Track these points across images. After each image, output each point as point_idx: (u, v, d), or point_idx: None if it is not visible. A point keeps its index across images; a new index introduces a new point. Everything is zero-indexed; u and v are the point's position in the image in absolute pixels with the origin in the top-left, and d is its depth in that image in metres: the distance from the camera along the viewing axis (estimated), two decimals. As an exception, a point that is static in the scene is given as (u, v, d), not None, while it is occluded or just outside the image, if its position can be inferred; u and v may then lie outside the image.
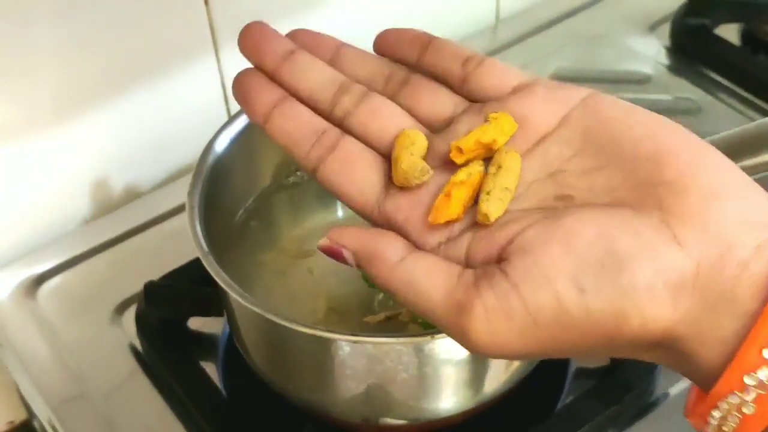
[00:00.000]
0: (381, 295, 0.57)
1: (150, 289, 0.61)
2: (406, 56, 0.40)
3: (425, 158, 0.37)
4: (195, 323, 0.62)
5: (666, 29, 0.84)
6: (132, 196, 0.73)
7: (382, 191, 0.37)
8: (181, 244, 0.56)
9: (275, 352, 0.54)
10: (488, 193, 0.35)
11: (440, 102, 0.39)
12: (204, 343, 0.62)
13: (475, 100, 0.39)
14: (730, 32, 0.83)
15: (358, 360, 0.49)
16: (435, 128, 0.38)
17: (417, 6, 0.82)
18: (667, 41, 0.84)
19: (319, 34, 0.42)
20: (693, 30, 0.83)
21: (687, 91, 0.80)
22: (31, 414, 0.69)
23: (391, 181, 0.37)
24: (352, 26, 0.78)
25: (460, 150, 0.36)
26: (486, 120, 0.37)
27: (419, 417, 0.53)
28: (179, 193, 0.56)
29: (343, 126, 0.38)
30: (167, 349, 0.61)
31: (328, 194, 0.38)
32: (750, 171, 0.51)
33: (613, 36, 0.85)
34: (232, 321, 0.56)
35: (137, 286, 0.62)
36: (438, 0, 0.84)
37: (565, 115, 0.37)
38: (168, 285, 0.62)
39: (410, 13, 0.82)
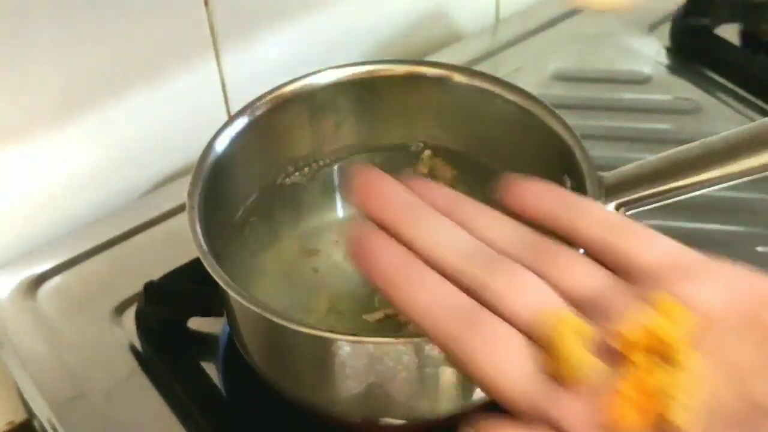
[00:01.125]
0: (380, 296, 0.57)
1: (150, 288, 0.61)
2: (541, 216, 0.36)
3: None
4: (195, 323, 0.62)
5: (666, 29, 0.84)
6: (132, 196, 0.73)
7: (532, 379, 0.32)
8: (181, 244, 0.56)
9: (275, 352, 0.55)
10: (679, 402, 0.30)
11: (584, 275, 0.34)
12: (204, 342, 0.62)
13: (621, 274, 0.34)
14: (730, 32, 0.83)
15: (359, 360, 0.49)
16: (580, 307, 0.33)
17: (417, 6, 0.82)
18: (667, 41, 0.84)
19: (436, 185, 0.37)
20: (693, 30, 0.83)
21: (687, 91, 0.80)
22: (30, 414, 0.69)
23: (543, 369, 0.32)
24: (353, 26, 0.79)
25: (629, 342, 0.31)
26: (649, 304, 0.32)
27: (419, 417, 0.53)
28: (179, 193, 0.56)
29: (476, 297, 0.33)
30: (167, 348, 0.61)
31: (329, 194, 0.38)
32: (750, 171, 0.51)
33: (613, 36, 0.85)
34: (232, 321, 0.56)
35: (137, 286, 0.62)
36: (438, 0, 0.84)
37: (734, 302, 0.32)
38: (168, 285, 0.62)
39: (410, 13, 0.82)
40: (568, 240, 0.35)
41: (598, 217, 0.35)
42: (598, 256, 0.34)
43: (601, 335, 0.32)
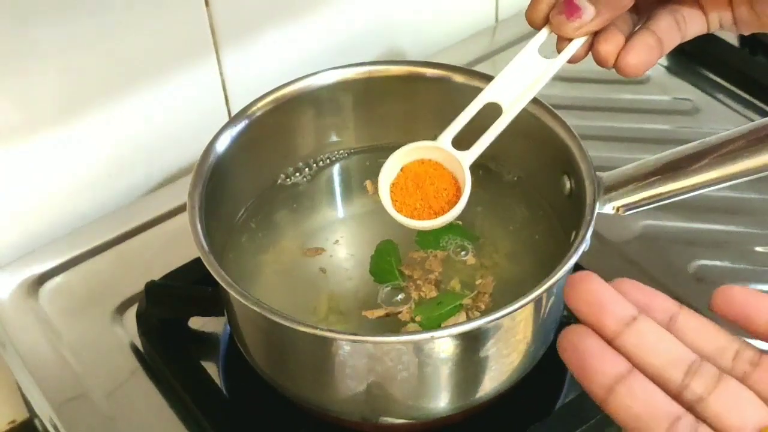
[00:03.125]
0: (384, 292, 0.57)
1: (151, 288, 0.61)
2: (750, 323, 0.35)
3: None
4: (196, 323, 0.62)
5: (665, 30, 0.84)
6: (132, 196, 0.73)
7: None
8: (181, 244, 0.57)
9: (276, 352, 0.55)
10: None
11: None
12: (205, 342, 0.62)
13: None
14: (728, 33, 0.83)
15: (358, 359, 0.50)
16: None
17: (417, 6, 0.83)
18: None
19: (653, 292, 0.36)
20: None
21: (685, 91, 0.80)
22: (32, 413, 0.69)
23: None
24: (353, 27, 0.79)
25: None
26: None
27: (419, 416, 0.53)
28: (179, 193, 0.56)
29: (693, 412, 0.33)
30: (168, 348, 0.61)
31: (329, 194, 0.38)
32: (750, 172, 0.51)
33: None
34: (232, 320, 0.56)
35: (138, 286, 0.62)
36: (438, 0, 0.84)
37: None
38: (169, 285, 0.62)
39: (410, 13, 0.83)
40: None
41: None
42: None
43: None
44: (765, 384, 0.33)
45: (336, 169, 0.65)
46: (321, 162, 0.64)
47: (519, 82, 0.49)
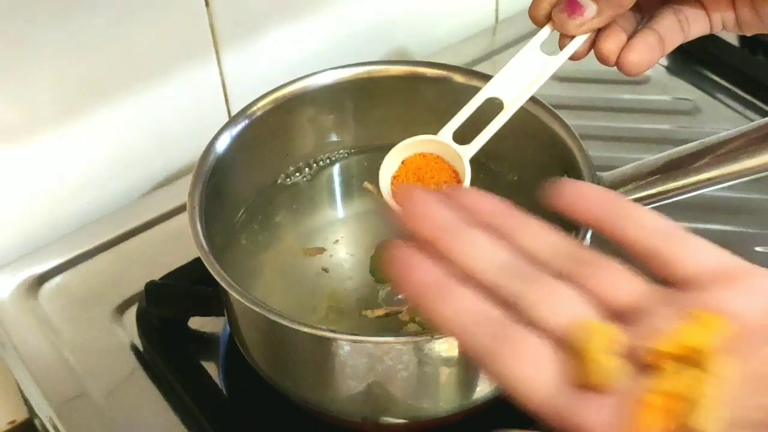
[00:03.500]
0: (385, 292, 0.57)
1: (151, 288, 0.61)
2: (590, 219, 0.36)
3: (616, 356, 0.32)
4: (196, 323, 0.62)
5: (665, 30, 0.84)
6: (132, 196, 0.73)
7: (562, 388, 0.32)
8: (181, 243, 0.57)
9: (276, 352, 0.55)
10: (703, 407, 0.30)
11: (624, 286, 0.34)
12: (205, 342, 0.62)
13: (668, 281, 0.34)
14: (728, 33, 0.83)
15: (358, 359, 0.50)
16: (619, 317, 0.33)
17: (417, 6, 0.83)
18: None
19: (482, 196, 0.37)
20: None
21: (685, 91, 0.80)
22: (32, 413, 0.69)
23: (573, 379, 0.32)
24: (353, 27, 0.79)
25: (660, 352, 0.31)
26: (688, 315, 0.32)
27: (419, 416, 0.53)
28: (179, 193, 0.56)
29: (511, 311, 0.34)
30: (168, 348, 0.61)
31: (329, 194, 0.38)
32: (750, 172, 0.51)
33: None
34: (232, 320, 0.56)
35: (138, 286, 0.62)
36: (438, 0, 0.84)
37: None
38: (169, 285, 0.62)
39: (411, 13, 0.83)
40: (616, 244, 0.35)
41: (647, 223, 0.35)
42: (645, 262, 0.35)
43: (634, 344, 0.32)
44: (587, 280, 0.34)
45: (336, 168, 0.65)
46: (321, 162, 0.65)
47: (521, 78, 0.50)
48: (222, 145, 0.57)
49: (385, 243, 0.59)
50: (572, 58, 0.49)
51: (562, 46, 0.49)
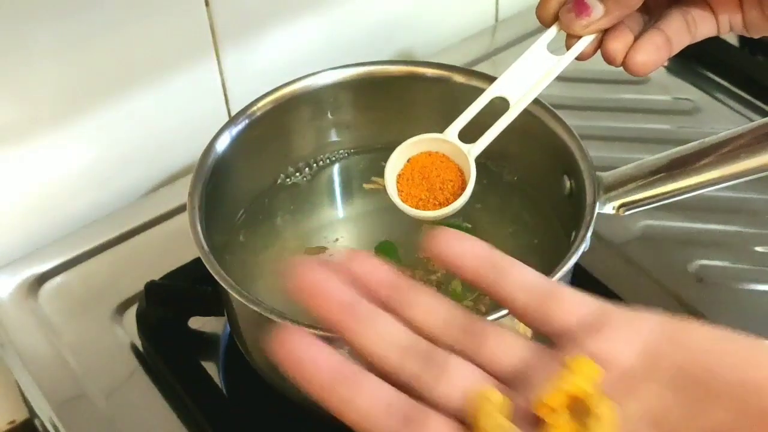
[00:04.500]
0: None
1: (151, 288, 0.61)
2: (465, 274, 0.36)
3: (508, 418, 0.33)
4: (196, 323, 0.62)
5: (665, 30, 0.84)
6: (132, 196, 0.73)
7: None
8: (181, 243, 0.56)
9: (276, 352, 0.55)
10: None
11: (509, 350, 0.35)
12: (205, 342, 0.62)
13: (543, 334, 0.35)
14: (729, 33, 0.83)
15: (359, 359, 0.49)
16: (509, 382, 0.34)
17: (417, 6, 0.83)
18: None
19: (376, 265, 0.36)
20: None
21: (685, 91, 0.80)
22: (32, 413, 0.69)
23: None
24: (353, 27, 0.79)
25: (545, 405, 0.32)
26: (563, 365, 0.33)
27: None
28: (179, 193, 0.56)
29: (412, 391, 0.34)
30: (168, 348, 0.61)
31: (329, 194, 0.38)
32: (749, 172, 0.51)
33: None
34: (232, 320, 0.56)
35: (138, 286, 0.62)
36: (438, 0, 0.84)
37: (649, 350, 0.33)
38: (169, 285, 0.62)
39: (411, 13, 0.83)
40: (490, 297, 0.36)
41: (521, 280, 0.35)
42: (523, 320, 0.35)
43: (522, 404, 0.33)
44: (480, 349, 0.35)
45: (336, 168, 0.65)
46: (321, 162, 0.65)
47: (527, 78, 0.50)
48: (222, 145, 0.57)
49: (385, 243, 0.59)
50: (579, 58, 0.49)
51: (569, 46, 0.49)
